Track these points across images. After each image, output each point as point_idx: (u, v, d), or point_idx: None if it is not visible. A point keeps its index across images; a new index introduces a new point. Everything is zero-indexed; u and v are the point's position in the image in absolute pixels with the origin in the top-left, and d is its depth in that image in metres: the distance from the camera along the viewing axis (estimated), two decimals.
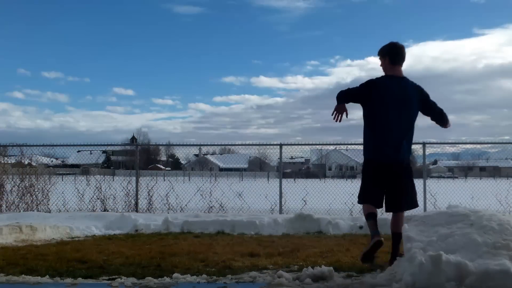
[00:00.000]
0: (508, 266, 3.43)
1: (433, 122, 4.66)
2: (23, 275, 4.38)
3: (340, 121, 4.40)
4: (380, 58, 4.54)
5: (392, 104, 4.31)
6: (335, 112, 4.46)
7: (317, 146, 15.00)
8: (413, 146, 5.19)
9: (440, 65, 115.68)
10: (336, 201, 10.83)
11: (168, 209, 10.64)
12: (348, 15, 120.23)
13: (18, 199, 10.94)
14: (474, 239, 3.81)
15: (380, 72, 4.58)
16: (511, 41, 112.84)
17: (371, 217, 4.36)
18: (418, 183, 10.83)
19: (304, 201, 10.68)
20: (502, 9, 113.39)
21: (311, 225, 7.83)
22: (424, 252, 3.74)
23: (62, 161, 31.60)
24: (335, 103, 4.51)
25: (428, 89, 4.57)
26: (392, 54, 4.45)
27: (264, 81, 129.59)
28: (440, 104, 4.63)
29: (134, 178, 10.84)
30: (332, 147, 21.94)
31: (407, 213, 4.72)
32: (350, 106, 4.52)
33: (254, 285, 4.08)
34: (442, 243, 3.91)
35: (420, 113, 4.52)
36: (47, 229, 7.28)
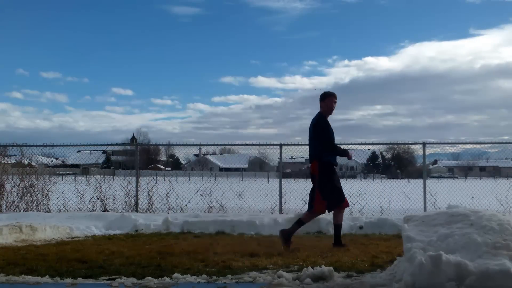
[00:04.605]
0: (508, 266, 3.43)
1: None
2: (23, 275, 4.38)
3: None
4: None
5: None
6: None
7: None
8: (413, 146, 5.92)
9: (438, 65, 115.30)
10: None
11: (168, 209, 10.62)
12: (345, 16, 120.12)
13: (18, 199, 10.93)
14: (474, 239, 3.81)
15: (377, 72, 4.70)
16: (507, 41, 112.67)
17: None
18: (418, 183, 10.96)
19: (304, 201, 10.61)
20: (498, 10, 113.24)
21: (311, 225, 7.81)
22: (424, 252, 3.74)
23: (62, 161, 31.65)
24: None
25: (427, 90, 4.68)
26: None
27: (263, 81, 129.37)
28: (439, 104, 4.74)
29: (134, 178, 10.83)
30: None
31: (407, 213, 4.72)
32: (349, 106, 4.72)
33: (254, 285, 4.08)
34: (442, 243, 3.90)
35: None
36: (47, 229, 7.28)
